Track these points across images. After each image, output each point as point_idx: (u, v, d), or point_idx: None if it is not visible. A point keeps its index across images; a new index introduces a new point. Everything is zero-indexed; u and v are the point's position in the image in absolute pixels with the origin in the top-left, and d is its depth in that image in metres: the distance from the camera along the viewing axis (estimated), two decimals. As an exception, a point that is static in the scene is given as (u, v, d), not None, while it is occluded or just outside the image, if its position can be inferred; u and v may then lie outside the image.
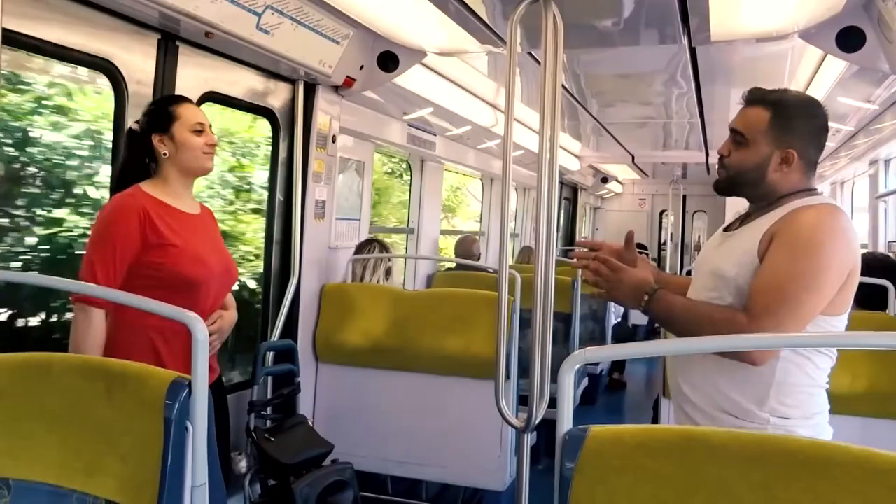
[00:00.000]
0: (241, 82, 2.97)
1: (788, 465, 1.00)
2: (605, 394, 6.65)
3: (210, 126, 2.18)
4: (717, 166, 1.90)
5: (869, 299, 3.03)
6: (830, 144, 5.33)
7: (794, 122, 1.76)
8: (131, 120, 2.40)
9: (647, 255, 9.59)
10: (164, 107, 2.16)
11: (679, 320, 1.76)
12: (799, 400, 1.69)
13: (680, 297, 1.82)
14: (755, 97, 1.80)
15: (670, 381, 1.90)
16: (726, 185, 1.86)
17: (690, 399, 1.80)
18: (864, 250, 4.90)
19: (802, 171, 1.78)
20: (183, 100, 2.20)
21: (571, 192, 9.89)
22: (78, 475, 1.35)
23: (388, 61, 3.30)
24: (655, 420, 3.36)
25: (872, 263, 3.22)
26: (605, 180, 9.83)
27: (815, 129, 1.79)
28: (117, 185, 2.14)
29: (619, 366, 6.97)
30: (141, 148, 2.13)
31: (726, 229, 1.92)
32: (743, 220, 1.87)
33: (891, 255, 4.41)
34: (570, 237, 10.13)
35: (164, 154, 2.11)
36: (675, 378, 1.86)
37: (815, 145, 1.79)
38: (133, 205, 2.02)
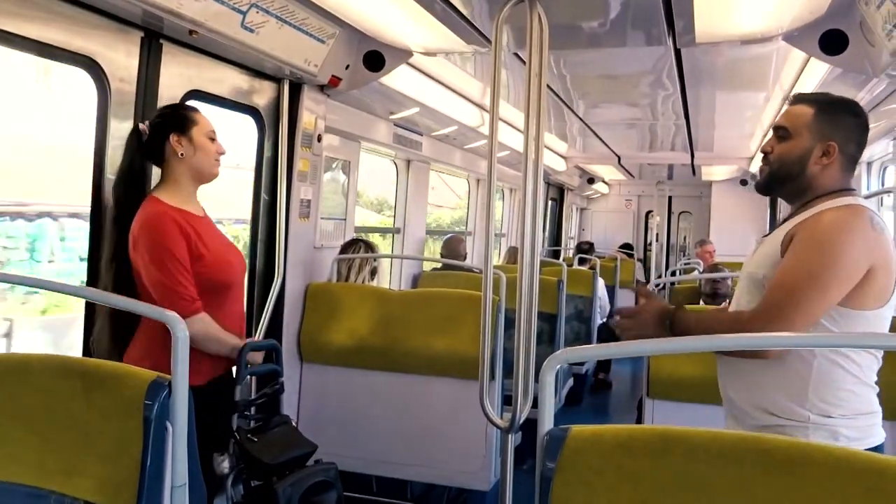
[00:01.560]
0: (225, 81, 2.95)
1: (767, 464, 1.01)
2: (590, 394, 6.67)
3: None
4: (758, 167, 1.94)
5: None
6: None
7: (836, 116, 1.82)
8: (114, 118, 2.38)
9: (633, 255, 9.64)
10: (181, 110, 2.25)
11: (696, 333, 1.76)
12: (840, 398, 1.68)
13: (694, 312, 1.86)
14: (800, 98, 1.87)
15: (721, 393, 1.90)
16: (768, 180, 1.88)
17: (736, 404, 1.81)
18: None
19: (841, 168, 1.81)
20: (196, 109, 2.29)
21: (558, 193, 9.91)
22: (56, 476, 1.33)
23: (374, 61, 3.30)
24: (640, 420, 3.37)
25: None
26: (591, 181, 9.86)
27: (856, 127, 1.84)
28: (124, 187, 2.17)
29: (604, 366, 6.99)
30: (152, 146, 2.19)
31: (765, 236, 1.95)
32: (781, 223, 1.89)
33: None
34: (556, 238, 10.16)
35: (181, 155, 2.17)
36: (724, 389, 1.87)
37: (856, 142, 1.83)
38: (169, 221, 2.09)
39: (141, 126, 2.19)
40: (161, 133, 2.18)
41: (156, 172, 2.38)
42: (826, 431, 1.66)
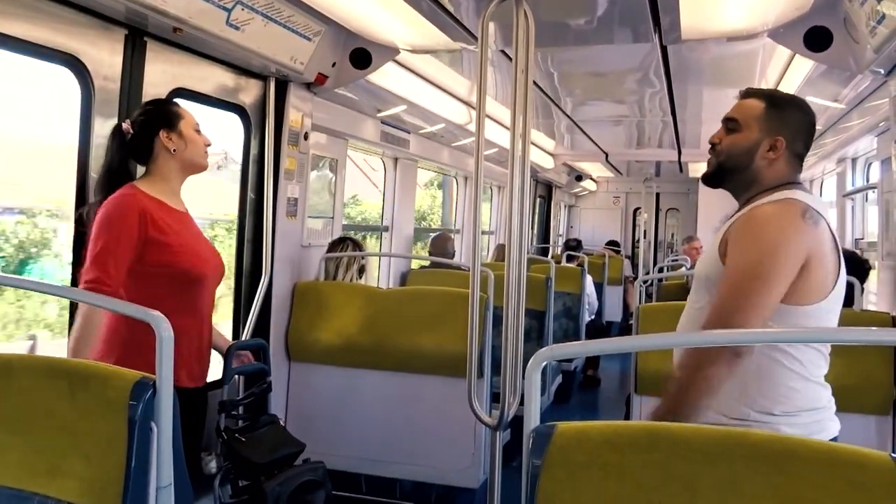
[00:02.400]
0: (211, 78, 2.94)
1: (751, 459, 1.01)
2: (579, 391, 6.69)
3: None
4: (707, 157, 1.93)
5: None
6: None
7: (785, 112, 1.84)
8: (98, 116, 2.37)
9: (620, 252, 9.67)
10: (166, 106, 2.22)
11: (675, 393, 1.71)
12: (782, 395, 1.68)
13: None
14: (751, 91, 1.89)
15: None
16: (715, 170, 1.88)
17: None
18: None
19: (788, 163, 1.82)
20: (177, 102, 2.27)
21: (546, 190, 9.93)
22: (40, 477, 1.32)
23: (361, 58, 3.29)
24: (628, 416, 3.38)
25: (839, 260, 3.27)
26: (579, 178, 9.89)
27: (803, 124, 1.86)
28: (106, 184, 2.13)
29: (593, 363, 7.01)
30: (138, 145, 2.16)
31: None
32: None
33: (857, 251, 4.48)
34: (545, 235, 10.18)
35: (173, 150, 2.16)
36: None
37: (803, 139, 1.85)
38: (133, 203, 2.05)
39: (124, 125, 2.15)
40: (149, 130, 2.15)
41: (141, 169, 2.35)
42: (767, 429, 1.64)
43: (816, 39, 2.77)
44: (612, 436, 1.10)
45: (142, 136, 2.15)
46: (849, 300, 2.98)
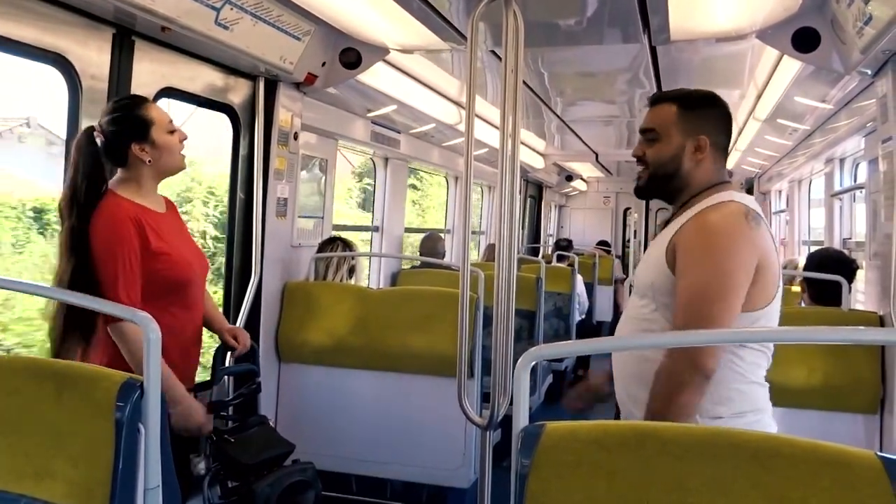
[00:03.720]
0: (199, 78, 2.92)
1: (738, 458, 1.02)
2: (569, 391, 6.68)
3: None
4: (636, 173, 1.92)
5: (824, 294, 3.10)
6: (788, 143, 5.43)
7: (700, 110, 1.84)
8: (86, 116, 2.35)
9: (611, 252, 9.69)
10: (134, 112, 2.10)
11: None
12: (728, 397, 1.69)
13: None
14: (658, 97, 1.89)
15: (618, 394, 1.94)
16: (647, 183, 1.88)
17: (633, 412, 1.82)
18: (820, 247, 5.02)
19: (714, 160, 1.83)
20: (146, 100, 2.17)
21: (537, 190, 9.94)
22: (27, 479, 1.31)
23: (351, 58, 3.28)
24: (618, 416, 3.39)
25: (826, 260, 3.29)
26: (569, 178, 9.90)
27: (721, 117, 1.87)
28: (86, 191, 2.06)
29: (584, 363, 7.02)
30: (112, 152, 2.08)
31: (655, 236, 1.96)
32: (664, 225, 1.90)
33: (845, 251, 4.50)
34: (535, 235, 10.19)
35: (148, 161, 2.09)
36: (627, 388, 1.86)
37: (724, 132, 1.86)
38: (124, 216, 2.02)
39: (95, 132, 2.07)
40: (121, 141, 2.06)
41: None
42: None
43: (804, 40, 2.79)
44: (600, 435, 1.10)
45: (114, 145, 2.07)
46: (837, 300, 3.01)
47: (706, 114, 1.85)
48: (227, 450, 2.54)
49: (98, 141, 2.07)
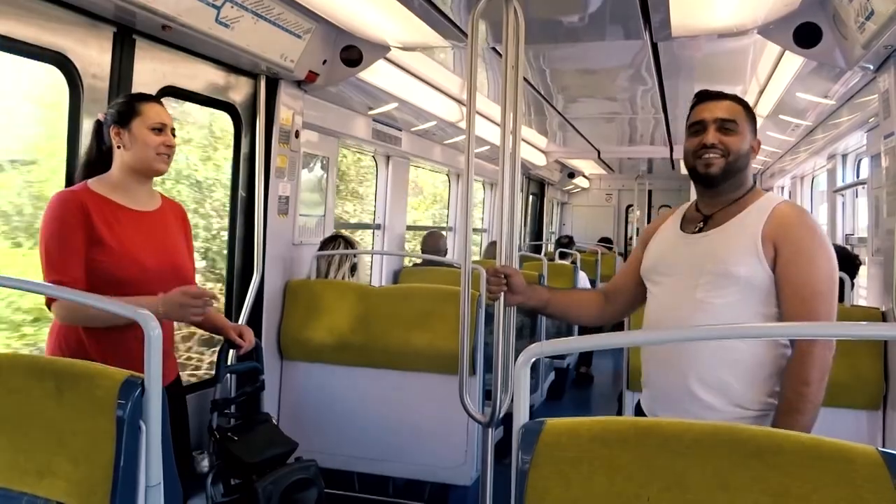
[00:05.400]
0: (200, 76, 2.92)
1: (740, 453, 1.02)
2: (572, 388, 6.69)
3: (173, 130, 2.14)
4: (700, 159, 1.88)
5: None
6: (790, 139, 5.42)
7: (753, 117, 1.94)
8: (87, 115, 2.35)
9: (613, 249, 9.68)
10: (130, 101, 2.12)
11: (812, 407, 1.75)
12: (777, 391, 1.79)
13: None
14: (725, 95, 1.92)
15: (661, 387, 1.90)
16: (725, 170, 1.86)
17: (702, 399, 1.77)
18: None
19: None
20: (151, 98, 2.16)
21: (538, 188, 9.93)
22: (28, 477, 1.32)
23: (352, 56, 3.28)
24: (620, 413, 3.39)
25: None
26: (571, 175, 9.89)
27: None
28: (83, 177, 2.11)
29: (586, 360, 7.02)
30: (99, 139, 2.12)
31: (685, 230, 1.94)
32: (706, 220, 1.89)
33: (848, 247, 4.50)
34: (538, 232, 10.18)
35: (119, 147, 2.08)
36: (685, 380, 1.79)
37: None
38: (73, 200, 2.00)
39: (99, 116, 2.13)
40: (107, 124, 2.09)
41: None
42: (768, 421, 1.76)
43: (806, 36, 2.78)
44: (601, 431, 1.10)
45: (103, 125, 2.11)
46: (839, 295, 3.00)
47: (754, 120, 1.94)
48: (230, 447, 2.56)
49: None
